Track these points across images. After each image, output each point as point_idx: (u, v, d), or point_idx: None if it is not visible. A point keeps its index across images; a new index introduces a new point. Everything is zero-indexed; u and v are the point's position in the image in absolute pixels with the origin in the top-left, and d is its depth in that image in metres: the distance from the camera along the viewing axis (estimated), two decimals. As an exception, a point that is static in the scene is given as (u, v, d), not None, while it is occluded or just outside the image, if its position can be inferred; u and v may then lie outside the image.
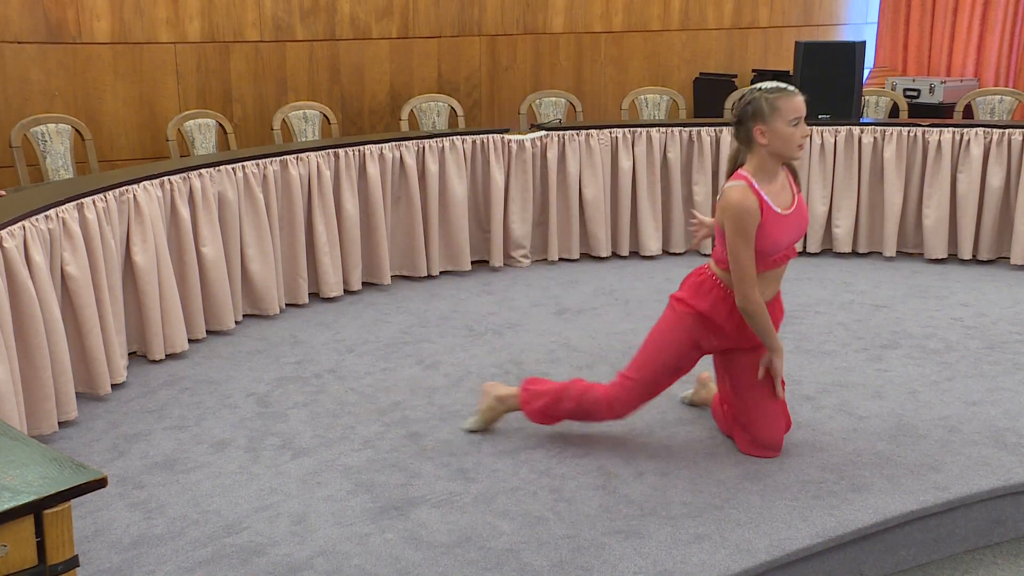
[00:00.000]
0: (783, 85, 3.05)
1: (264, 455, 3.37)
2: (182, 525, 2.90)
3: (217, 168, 4.62)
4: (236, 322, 4.74)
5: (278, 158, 4.93)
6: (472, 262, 5.74)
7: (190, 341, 4.45)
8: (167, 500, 3.05)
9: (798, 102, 3.02)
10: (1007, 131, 5.57)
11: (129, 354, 4.24)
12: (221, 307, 4.60)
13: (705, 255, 5.92)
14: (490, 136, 5.67)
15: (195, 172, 4.51)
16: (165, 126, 5.88)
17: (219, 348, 4.47)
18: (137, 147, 6.17)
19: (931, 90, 7.60)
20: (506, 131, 5.76)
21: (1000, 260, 5.74)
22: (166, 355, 4.30)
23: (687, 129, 5.94)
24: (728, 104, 6.68)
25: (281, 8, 6.44)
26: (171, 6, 6.10)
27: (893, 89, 7.72)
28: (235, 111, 6.42)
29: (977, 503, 3.01)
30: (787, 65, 7.86)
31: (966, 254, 5.71)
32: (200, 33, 6.22)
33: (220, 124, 5.84)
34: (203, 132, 5.75)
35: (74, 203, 3.81)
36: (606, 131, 5.86)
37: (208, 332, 4.60)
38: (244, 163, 4.75)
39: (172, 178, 4.40)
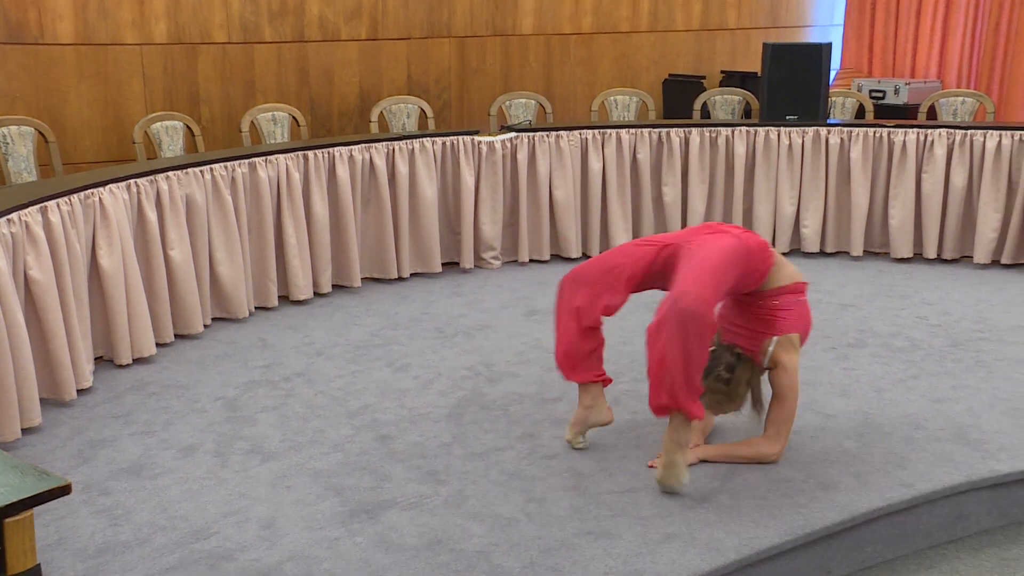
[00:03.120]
0: None
1: (233, 459, 3.35)
2: (149, 531, 2.87)
3: (185, 171, 4.58)
4: (204, 326, 4.71)
5: (247, 160, 4.90)
6: (442, 264, 5.73)
7: (158, 345, 4.41)
8: (134, 506, 3.02)
9: None
10: (969, 132, 5.64)
11: (95, 359, 4.20)
12: (189, 311, 4.56)
13: None
14: (460, 138, 5.66)
15: (162, 175, 4.47)
16: (131, 128, 5.82)
17: (187, 352, 4.44)
18: (102, 150, 6.11)
19: (896, 91, 7.68)
20: (476, 132, 5.76)
21: (963, 259, 5.81)
22: (133, 360, 4.26)
23: (656, 130, 5.96)
24: (697, 106, 6.72)
25: (249, 10, 6.40)
26: (136, 7, 6.05)
27: (859, 90, 7.80)
28: (203, 113, 6.37)
29: (941, 499, 3.05)
30: (755, 66, 7.92)
31: (931, 253, 5.78)
32: (166, 35, 6.17)
33: (187, 126, 5.79)
34: (170, 134, 5.70)
35: (38, 207, 3.76)
36: (576, 132, 5.87)
37: (176, 336, 4.56)
38: (212, 165, 4.72)
39: (139, 181, 4.36)
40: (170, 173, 4.51)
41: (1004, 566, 2.95)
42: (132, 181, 4.33)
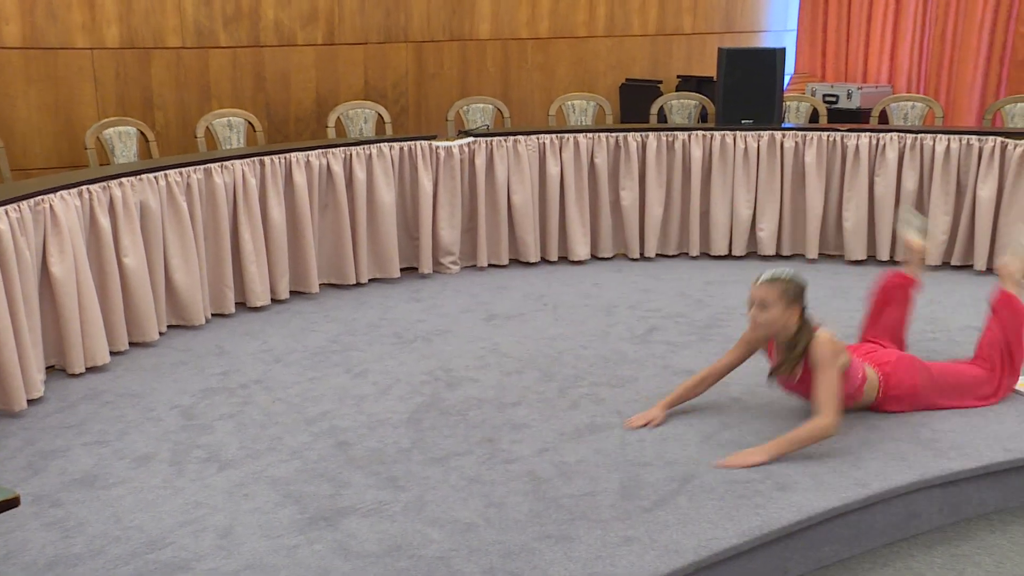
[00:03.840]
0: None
1: (189, 468, 3.31)
2: (102, 543, 2.83)
3: (139, 176, 4.53)
4: (160, 333, 4.65)
5: (202, 166, 4.85)
6: (401, 269, 5.71)
7: (112, 353, 4.35)
8: (86, 518, 2.97)
9: (752, 290, 3.43)
10: (919, 136, 5.74)
11: (47, 368, 4.13)
12: (144, 318, 4.50)
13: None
14: (418, 143, 5.65)
15: (115, 181, 4.41)
16: (83, 134, 5.74)
17: (142, 360, 4.38)
18: (53, 155, 6.01)
19: (848, 96, 7.79)
20: (434, 138, 5.75)
21: (917, 261, 5.90)
22: (86, 368, 4.19)
23: (614, 134, 6.00)
24: (653, 111, 6.76)
25: (203, 14, 6.34)
26: (87, 11, 5.97)
27: (813, 95, 7.90)
28: (157, 118, 6.30)
29: (895, 498, 3.09)
30: (710, 71, 7.99)
31: (884, 255, 5.86)
32: (119, 39, 6.09)
33: (141, 132, 5.72)
34: (123, 140, 5.63)
35: (-13, 213, 3.70)
36: (534, 137, 5.89)
37: (131, 344, 4.50)
38: (167, 171, 4.67)
39: (91, 187, 4.30)
40: (123, 179, 4.45)
41: (955, 562, 3.00)
42: (84, 187, 4.27)
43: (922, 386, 3.63)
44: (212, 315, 4.98)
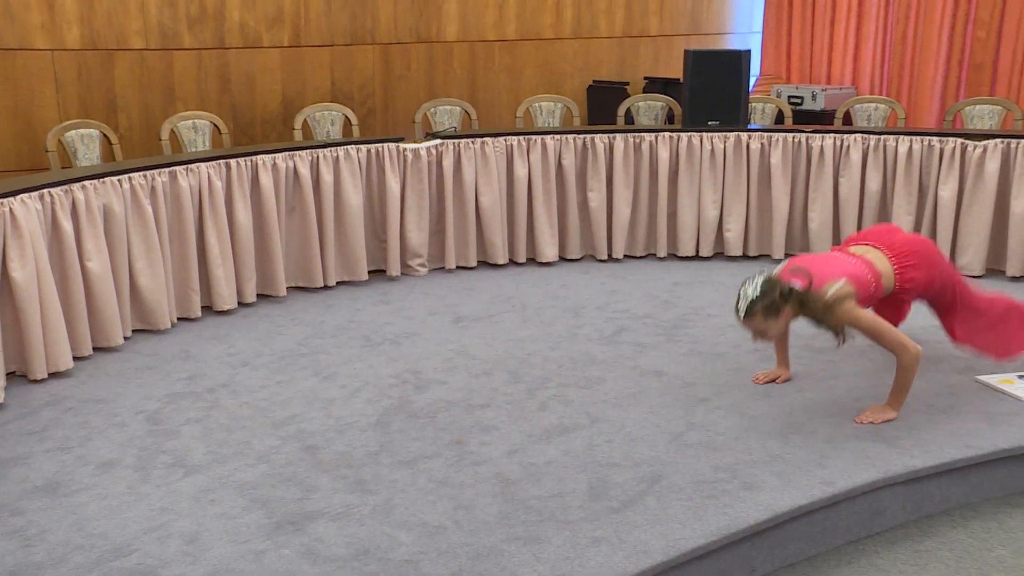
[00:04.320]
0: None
1: (154, 474, 3.28)
2: (65, 551, 2.79)
3: (102, 180, 4.48)
4: (125, 338, 4.60)
5: (167, 169, 4.81)
6: (369, 272, 5.69)
7: (75, 359, 4.30)
8: (48, 526, 2.94)
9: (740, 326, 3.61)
10: (883, 137, 5.80)
11: (8, 374, 4.07)
12: (108, 323, 4.45)
13: None
14: (385, 145, 5.64)
15: (78, 184, 4.36)
16: (43, 136, 5.67)
17: (106, 365, 4.33)
18: (12, 158, 5.93)
19: (813, 97, 7.86)
20: (401, 140, 5.74)
21: (881, 261, 5.96)
22: (48, 374, 4.14)
23: (581, 136, 6.01)
24: (620, 112, 6.78)
25: (167, 16, 6.28)
26: (46, 12, 5.89)
27: (778, 96, 7.96)
28: (120, 121, 6.24)
29: (860, 495, 3.12)
30: (677, 73, 8.04)
31: (849, 255, 5.91)
32: (80, 40, 6.02)
33: (104, 134, 5.66)
34: (86, 143, 5.56)
35: (-54, 218, 3.64)
36: (501, 139, 5.89)
37: (95, 349, 4.45)
38: (131, 175, 4.62)
39: (53, 190, 4.24)
40: (86, 182, 4.40)
41: (918, 558, 3.04)
42: (45, 191, 4.22)
43: (932, 259, 3.84)
44: (178, 319, 4.94)
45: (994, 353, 4.00)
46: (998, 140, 5.53)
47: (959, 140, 5.63)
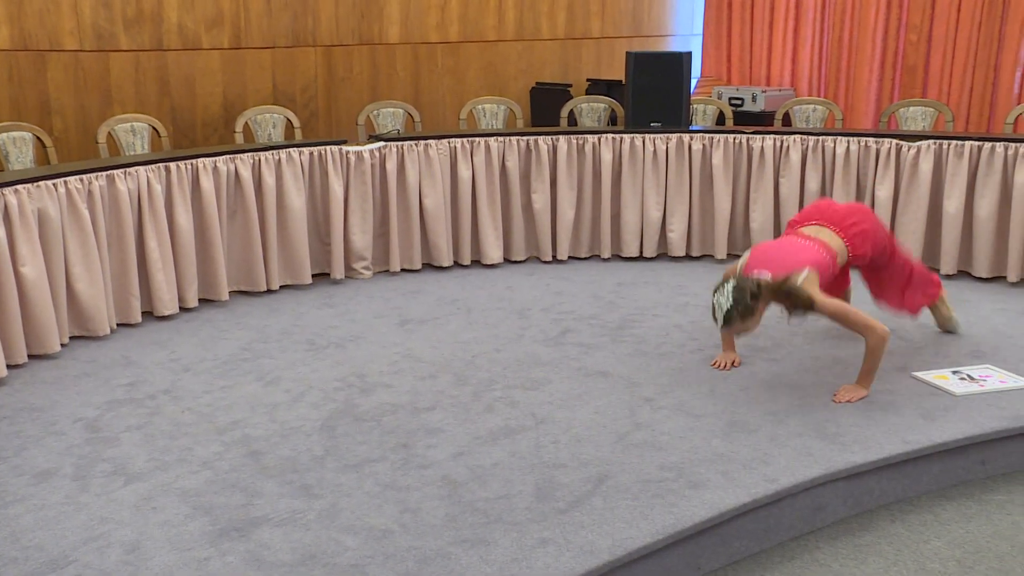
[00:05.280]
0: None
1: (93, 483, 3.21)
2: None
3: (36, 184, 4.38)
4: (62, 344, 4.51)
5: (104, 173, 4.73)
6: (313, 275, 5.65)
7: (9, 367, 4.20)
8: (-14, 537, 2.87)
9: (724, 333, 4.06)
10: (821, 138, 5.91)
11: (-59, 383, 3.97)
12: (44, 329, 4.36)
13: None
14: (328, 147, 5.60)
15: (10, 188, 4.26)
16: (-24, 139, 5.52)
17: (42, 373, 4.24)
18: (-59, 162, 5.78)
19: (753, 99, 7.98)
20: (344, 142, 5.70)
21: (820, 260, 6.06)
22: (-17, 383, 4.04)
23: (525, 138, 6.03)
24: (564, 114, 6.82)
25: (102, 16, 6.16)
26: (-26, 12, 5.75)
27: (719, 98, 8.06)
28: (55, 124, 6.11)
29: (802, 492, 3.17)
30: (619, 74, 8.11)
31: (789, 255, 6.01)
32: (9, 40, 5.88)
33: (38, 137, 5.53)
34: (18, 146, 5.43)
35: None
36: (445, 141, 5.88)
37: (30, 356, 4.36)
38: (66, 178, 4.53)
39: (-15, 195, 4.15)
40: (19, 186, 4.30)
41: (858, 551, 3.10)
42: (-22, 195, 4.12)
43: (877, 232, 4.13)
44: (118, 325, 4.85)
45: (908, 309, 4.41)
46: (931, 141, 5.66)
47: (894, 141, 5.76)
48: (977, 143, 5.55)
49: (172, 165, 5.00)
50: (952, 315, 4.60)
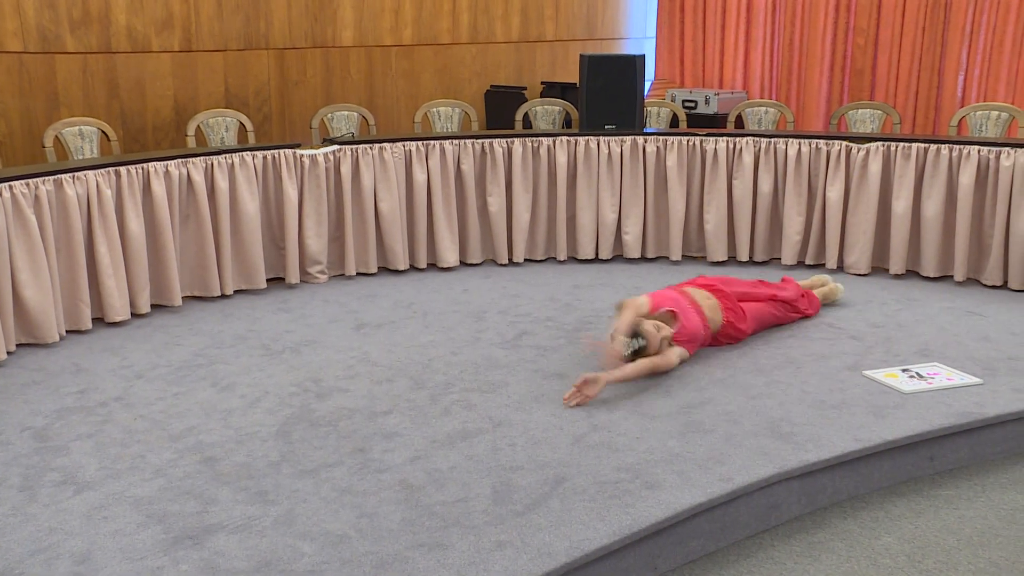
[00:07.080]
0: None
1: (42, 493, 3.16)
2: (-51, 577, 2.67)
3: (-19, 188, 4.30)
4: (8, 352, 4.43)
5: (51, 177, 4.65)
6: (267, 279, 5.60)
7: (-44, 376, 4.12)
8: (-69, 551, 2.80)
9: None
10: (773, 140, 5.98)
11: None
12: (-9, 337, 4.28)
13: None
14: (281, 151, 5.55)
15: (-45, 193, 4.18)
16: (-82, 144, 5.41)
17: (-10, 382, 4.16)
18: None
19: (706, 101, 8.05)
20: (298, 146, 5.66)
21: (773, 261, 6.14)
22: (-72, 392, 3.95)
23: (480, 141, 6.03)
24: (518, 117, 6.83)
25: (47, 17, 6.06)
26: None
27: (673, 100, 8.12)
28: None
29: (757, 491, 3.20)
30: (573, 77, 8.14)
31: (743, 256, 6.08)
32: (-50, 42, 5.76)
33: (-16, 141, 5.43)
34: (-36, 150, 5.33)
35: None
36: (399, 144, 5.86)
37: (-24, 365, 4.27)
38: (12, 183, 4.45)
39: (-72, 200, 4.06)
40: (-35, 191, 4.22)
41: (812, 549, 3.13)
42: (-79, 200, 4.03)
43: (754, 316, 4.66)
44: (67, 332, 4.77)
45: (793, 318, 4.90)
46: (879, 143, 5.75)
47: (844, 143, 5.84)
48: (924, 145, 5.65)
49: (123, 169, 4.93)
50: (833, 290, 5.20)
